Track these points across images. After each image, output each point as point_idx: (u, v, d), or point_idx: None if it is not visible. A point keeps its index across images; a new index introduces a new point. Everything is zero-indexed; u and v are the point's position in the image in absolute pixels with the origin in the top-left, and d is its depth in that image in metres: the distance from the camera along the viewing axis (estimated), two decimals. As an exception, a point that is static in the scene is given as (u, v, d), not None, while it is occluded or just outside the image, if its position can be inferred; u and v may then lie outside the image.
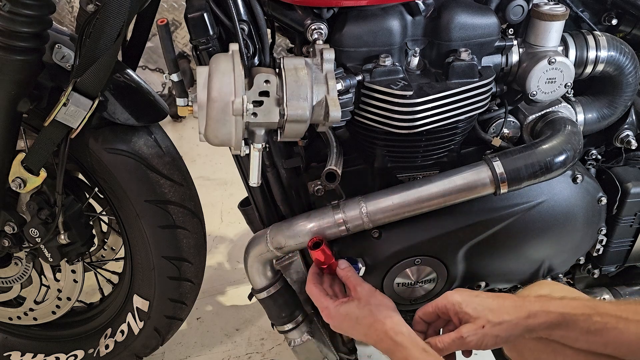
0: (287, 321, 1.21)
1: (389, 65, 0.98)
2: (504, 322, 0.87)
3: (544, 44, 1.06)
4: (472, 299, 0.91)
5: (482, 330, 0.87)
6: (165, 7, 2.68)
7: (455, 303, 0.91)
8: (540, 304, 0.87)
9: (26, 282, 1.43)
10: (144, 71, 2.85)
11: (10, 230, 1.27)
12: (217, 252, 2.05)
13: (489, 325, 0.87)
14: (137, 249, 1.33)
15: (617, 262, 1.26)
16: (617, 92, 1.15)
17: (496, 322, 0.87)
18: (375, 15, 0.98)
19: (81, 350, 1.50)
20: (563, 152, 1.01)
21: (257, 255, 1.15)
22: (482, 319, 0.88)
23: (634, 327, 0.80)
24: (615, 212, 1.19)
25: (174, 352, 1.67)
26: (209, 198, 2.23)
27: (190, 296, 1.41)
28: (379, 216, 1.04)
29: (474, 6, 1.01)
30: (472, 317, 0.89)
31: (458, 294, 0.93)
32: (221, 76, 0.90)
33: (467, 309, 0.90)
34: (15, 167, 1.16)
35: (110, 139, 1.21)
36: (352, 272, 1.05)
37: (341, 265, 1.06)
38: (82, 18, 1.12)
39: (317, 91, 0.92)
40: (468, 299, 0.91)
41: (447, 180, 1.03)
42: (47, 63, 1.12)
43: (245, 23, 0.98)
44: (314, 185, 1.12)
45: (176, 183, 1.27)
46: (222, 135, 0.92)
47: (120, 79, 1.19)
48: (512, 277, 1.18)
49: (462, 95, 1.00)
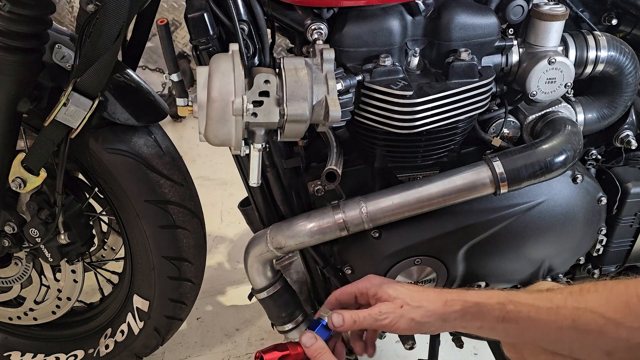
0: (287, 321, 1.21)
1: (389, 65, 0.98)
2: (422, 307, 0.88)
3: (544, 44, 1.06)
4: (394, 284, 0.94)
5: (399, 310, 0.88)
6: (165, 7, 2.68)
7: (377, 284, 0.93)
8: (457, 293, 0.88)
9: (26, 282, 1.43)
10: (144, 71, 2.86)
11: (10, 230, 1.27)
12: (217, 252, 2.05)
13: (407, 307, 0.88)
14: (137, 249, 1.33)
15: (617, 262, 1.26)
16: (617, 92, 1.15)
17: (415, 305, 0.88)
18: (375, 15, 0.98)
19: (81, 350, 1.50)
20: (563, 152, 1.01)
21: (257, 255, 1.15)
22: (401, 300, 0.89)
23: (544, 314, 0.81)
24: (615, 212, 1.19)
25: (174, 352, 1.67)
26: (209, 198, 2.23)
27: (190, 296, 1.41)
28: (379, 216, 1.04)
29: (474, 6, 1.01)
30: (392, 297, 0.90)
31: (379, 278, 0.96)
32: (221, 76, 0.90)
33: (389, 290, 0.91)
34: (15, 167, 1.16)
35: (110, 139, 1.21)
36: (319, 348, 0.91)
37: (306, 344, 0.91)
38: (82, 18, 1.12)
39: (317, 91, 0.92)
40: (390, 283, 0.94)
41: (447, 180, 1.03)
42: (47, 63, 1.12)
43: (245, 23, 0.98)
44: (314, 185, 1.12)
45: (176, 183, 1.27)
46: (222, 135, 0.92)
47: (120, 79, 1.19)
48: (512, 277, 1.18)
49: (462, 95, 1.00)
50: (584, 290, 0.81)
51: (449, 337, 1.44)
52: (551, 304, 0.81)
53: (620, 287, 0.78)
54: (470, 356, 1.63)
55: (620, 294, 0.78)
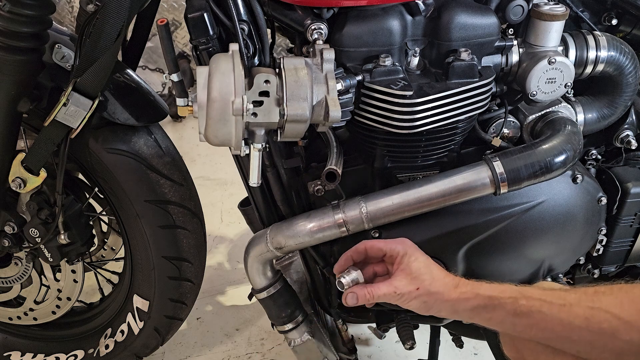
0: (287, 321, 1.21)
1: (389, 65, 0.98)
2: (437, 293, 0.90)
3: (544, 44, 1.06)
4: (421, 258, 0.94)
5: (415, 291, 0.90)
6: (165, 7, 2.69)
7: (408, 253, 0.93)
8: (471, 286, 0.89)
9: (26, 282, 1.43)
10: (144, 71, 2.86)
11: (10, 230, 1.27)
12: (217, 252, 2.05)
13: (424, 291, 0.90)
14: (137, 249, 1.33)
15: (617, 262, 1.26)
16: (617, 92, 1.15)
17: (431, 290, 0.90)
18: (375, 15, 0.98)
19: (81, 350, 1.50)
20: (563, 152, 1.01)
21: (257, 255, 1.15)
22: (420, 282, 0.90)
23: (557, 310, 0.81)
24: (615, 212, 1.18)
25: (174, 352, 1.67)
26: (209, 198, 2.24)
27: (190, 296, 1.41)
28: (379, 216, 1.04)
29: (474, 6, 1.01)
30: (413, 275, 0.91)
31: (412, 246, 0.96)
32: (221, 76, 0.90)
33: (413, 265, 0.92)
34: (15, 167, 1.16)
35: (110, 139, 1.21)
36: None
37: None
38: (82, 18, 1.12)
39: (317, 91, 0.92)
40: (419, 256, 0.94)
41: (447, 180, 1.03)
42: (47, 63, 1.12)
43: (245, 23, 0.98)
44: (314, 185, 1.12)
45: (176, 183, 1.27)
46: (222, 135, 0.92)
47: (120, 79, 1.19)
48: (512, 277, 1.18)
49: (462, 95, 1.00)
50: (599, 292, 0.81)
51: (449, 337, 1.44)
52: (564, 302, 0.82)
53: (636, 292, 0.79)
54: (470, 356, 1.63)
55: (635, 298, 0.78)
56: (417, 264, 0.92)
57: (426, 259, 0.94)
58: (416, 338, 1.17)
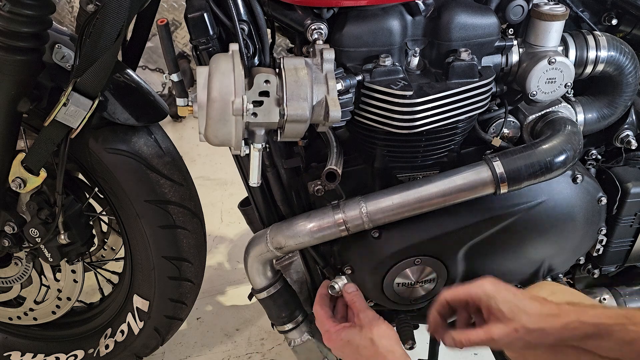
0: (287, 321, 1.21)
1: (389, 65, 0.98)
2: (538, 330, 0.83)
3: (544, 44, 1.06)
4: (508, 296, 0.86)
5: (515, 334, 0.84)
6: (165, 7, 2.68)
7: (491, 297, 0.87)
8: (575, 314, 0.83)
9: (26, 282, 1.43)
10: (144, 71, 2.85)
11: (10, 230, 1.27)
12: (217, 252, 2.05)
13: (523, 331, 0.83)
14: (137, 249, 1.33)
15: (617, 262, 1.26)
16: (617, 92, 1.15)
17: (532, 328, 0.83)
18: (375, 15, 0.98)
19: (81, 350, 1.50)
20: (563, 152, 1.01)
21: (257, 255, 1.15)
22: (517, 322, 0.84)
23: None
24: (615, 212, 1.19)
25: (174, 352, 1.67)
26: (209, 198, 2.23)
27: (190, 296, 1.41)
28: (379, 216, 1.04)
29: (474, 6, 1.01)
30: (507, 317, 0.84)
31: (493, 286, 0.88)
32: (221, 76, 0.90)
33: (503, 307, 0.85)
34: (15, 167, 1.16)
35: (110, 139, 1.21)
36: (358, 296, 1.05)
37: (348, 289, 1.07)
38: (82, 18, 1.12)
39: (317, 91, 0.92)
40: (505, 295, 0.86)
41: (447, 180, 1.03)
42: (47, 63, 1.12)
43: (245, 23, 0.98)
44: (314, 185, 1.12)
45: (176, 183, 1.27)
46: (222, 135, 0.92)
47: (120, 79, 1.19)
48: (512, 277, 1.18)
49: (462, 95, 1.00)
50: None
51: (449, 337, 1.43)
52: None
53: None
54: (470, 356, 1.63)
55: None
56: (507, 306, 0.85)
57: (514, 295, 0.86)
58: (416, 338, 1.17)
